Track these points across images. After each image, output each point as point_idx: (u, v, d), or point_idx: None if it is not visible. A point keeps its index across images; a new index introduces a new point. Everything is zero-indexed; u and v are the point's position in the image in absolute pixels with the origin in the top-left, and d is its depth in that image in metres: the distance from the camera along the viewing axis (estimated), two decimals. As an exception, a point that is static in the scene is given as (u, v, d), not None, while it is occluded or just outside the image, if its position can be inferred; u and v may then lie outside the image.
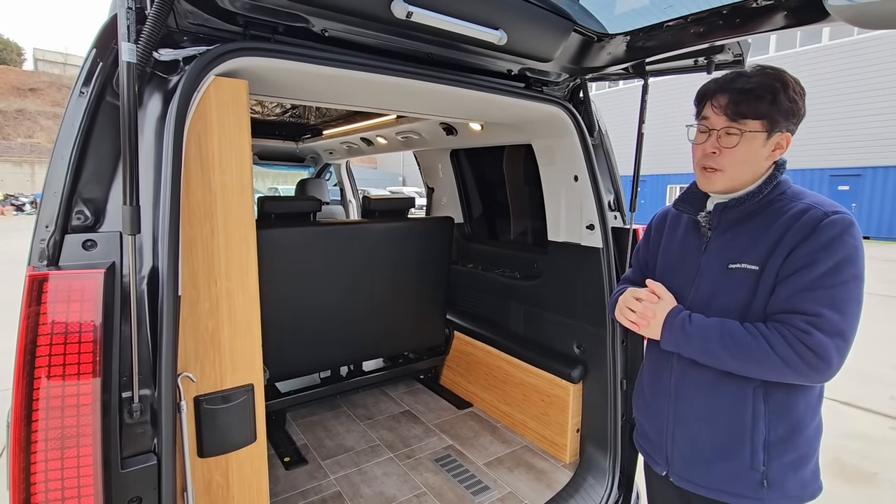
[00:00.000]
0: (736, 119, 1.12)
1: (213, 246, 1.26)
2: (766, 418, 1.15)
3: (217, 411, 1.29)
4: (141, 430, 1.07)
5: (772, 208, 1.16)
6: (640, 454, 1.46)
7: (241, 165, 1.29)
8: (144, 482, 1.06)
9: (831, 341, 1.02)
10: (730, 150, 1.14)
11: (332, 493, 2.12)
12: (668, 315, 1.22)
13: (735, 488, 1.19)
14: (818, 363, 1.03)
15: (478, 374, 2.94)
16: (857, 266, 1.05)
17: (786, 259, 1.09)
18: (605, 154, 2.19)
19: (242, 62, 1.24)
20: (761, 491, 1.16)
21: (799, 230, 1.08)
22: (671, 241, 1.38)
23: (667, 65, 1.89)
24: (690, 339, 1.17)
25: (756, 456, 1.16)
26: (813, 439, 1.18)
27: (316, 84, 1.56)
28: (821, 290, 1.04)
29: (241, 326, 1.33)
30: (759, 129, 1.12)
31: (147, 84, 1.14)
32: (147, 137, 1.12)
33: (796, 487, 1.17)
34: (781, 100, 1.09)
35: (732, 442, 1.18)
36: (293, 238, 2.34)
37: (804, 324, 1.04)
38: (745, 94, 1.11)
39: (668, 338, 1.21)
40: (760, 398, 1.15)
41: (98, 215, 1.08)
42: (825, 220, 1.06)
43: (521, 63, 1.78)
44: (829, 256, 1.04)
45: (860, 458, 3.33)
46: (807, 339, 1.03)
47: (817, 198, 1.14)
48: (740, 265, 1.16)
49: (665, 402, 1.31)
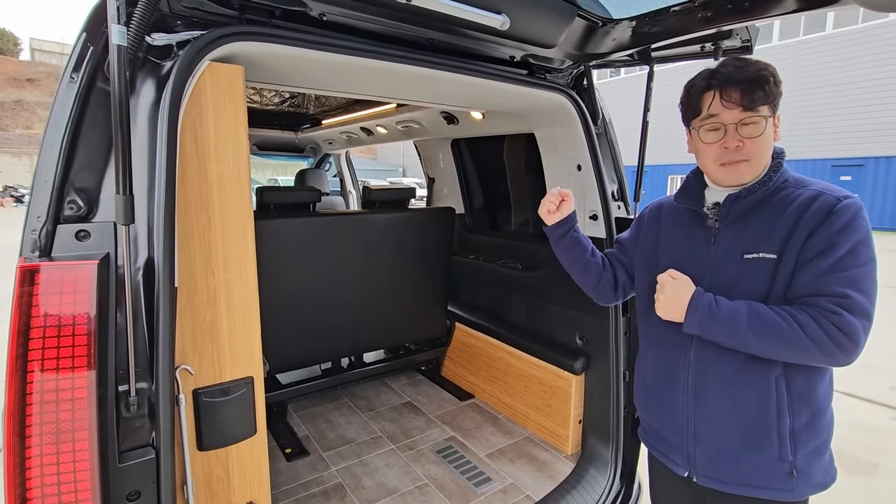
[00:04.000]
0: (753, 108, 1.12)
1: (210, 236, 1.23)
2: (790, 406, 1.14)
3: (216, 404, 1.28)
4: (139, 424, 1.06)
5: (779, 196, 1.16)
6: (652, 452, 1.43)
7: (237, 154, 1.26)
8: (143, 476, 1.05)
9: (860, 322, 1.03)
10: (756, 139, 1.14)
11: (334, 484, 2.11)
12: (693, 296, 1.17)
13: (764, 481, 1.17)
14: (847, 343, 1.02)
15: (479, 365, 2.93)
16: (872, 248, 1.07)
17: (804, 245, 1.09)
18: (609, 143, 2.15)
19: (238, 47, 1.20)
20: (790, 481, 1.15)
21: (814, 216, 1.08)
22: (673, 234, 1.35)
23: (673, 51, 1.85)
24: (717, 321, 1.13)
25: (784, 446, 1.15)
26: (831, 424, 1.19)
27: (314, 70, 1.52)
28: (843, 273, 1.04)
29: (240, 318, 1.31)
30: (769, 114, 1.14)
31: (140, 70, 1.11)
32: (140, 125, 1.09)
33: (820, 474, 1.17)
34: (774, 83, 1.13)
35: (759, 434, 1.16)
36: (293, 229, 2.31)
37: (833, 305, 1.04)
38: (753, 82, 1.12)
39: (693, 320, 1.16)
40: (783, 386, 1.14)
41: (91, 205, 1.05)
42: (839, 204, 1.07)
43: (523, 49, 1.74)
44: (847, 239, 1.05)
45: (861, 448, 3.34)
46: (837, 320, 1.02)
47: (823, 184, 1.15)
48: (758, 255, 1.14)
49: (682, 399, 1.26)
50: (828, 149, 17.52)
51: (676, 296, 1.19)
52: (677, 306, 1.19)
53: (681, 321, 1.19)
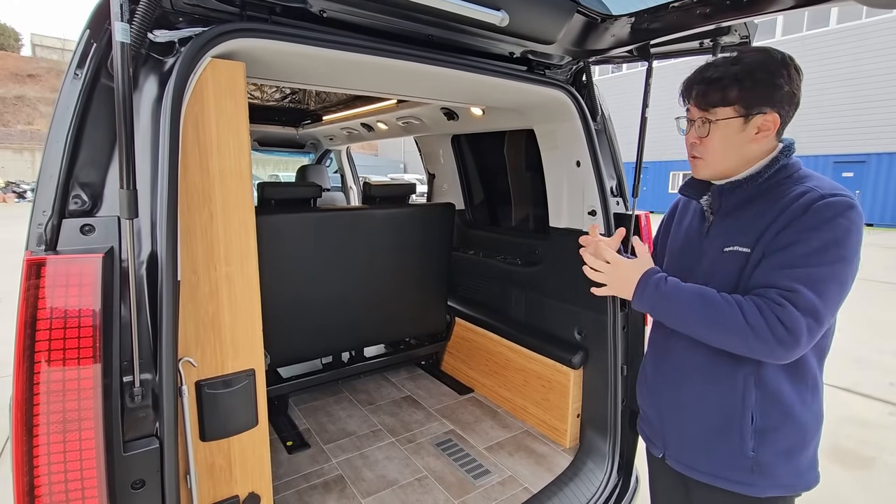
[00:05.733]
0: (707, 108, 1.14)
1: (211, 230, 1.25)
2: (758, 404, 1.15)
3: (218, 396, 1.30)
4: (143, 414, 1.08)
5: (774, 192, 1.14)
6: (642, 439, 1.47)
7: (239, 149, 1.27)
8: (147, 465, 1.07)
9: (803, 318, 1.01)
10: (706, 139, 1.16)
11: (335, 476, 2.14)
12: (643, 274, 1.22)
13: (727, 473, 1.20)
14: (787, 338, 1.01)
15: (479, 359, 2.95)
16: (846, 248, 1.02)
17: (773, 239, 1.08)
18: (608, 139, 2.16)
19: (239, 44, 1.22)
20: (752, 476, 1.17)
21: (793, 211, 1.07)
22: (679, 226, 1.39)
23: (672, 47, 1.85)
24: (663, 299, 1.16)
25: (745, 442, 1.16)
26: (809, 428, 1.17)
27: (315, 67, 1.54)
28: (800, 269, 1.03)
29: (242, 311, 1.33)
30: (731, 116, 1.12)
31: (142, 66, 1.13)
32: (143, 121, 1.11)
33: (789, 476, 1.16)
34: (749, 84, 1.09)
35: (723, 427, 1.19)
36: (293, 224, 2.33)
37: (779, 297, 1.03)
38: (711, 83, 1.13)
39: (641, 296, 1.21)
40: (752, 384, 1.15)
41: (95, 199, 1.07)
42: (820, 201, 1.04)
43: (523, 45, 1.74)
44: (816, 237, 1.03)
45: (858, 443, 3.36)
46: (780, 311, 1.01)
47: (821, 181, 1.11)
48: (734, 248, 1.16)
49: (664, 386, 1.32)
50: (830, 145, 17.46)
51: (629, 273, 1.24)
52: (629, 283, 1.23)
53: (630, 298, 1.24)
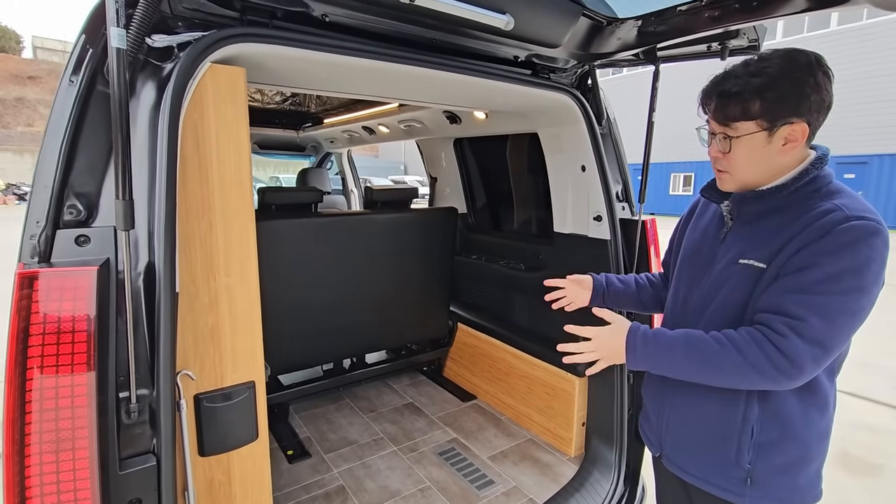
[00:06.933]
0: (727, 123, 1.07)
1: (211, 240, 1.22)
2: (759, 420, 1.11)
3: (218, 409, 1.27)
4: (139, 431, 1.05)
5: (799, 206, 1.06)
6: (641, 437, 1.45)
7: (239, 156, 1.24)
8: (144, 483, 1.04)
9: (809, 349, 0.96)
10: (728, 154, 1.10)
11: (336, 486, 2.10)
12: (627, 335, 1.16)
13: (718, 480, 1.18)
14: (789, 368, 0.97)
15: (482, 366, 2.92)
16: (864, 278, 0.96)
17: (789, 259, 1.02)
18: (614, 143, 2.13)
19: (239, 48, 1.19)
20: (744, 488, 1.14)
21: (814, 231, 0.99)
22: (696, 227, 1.34)
23: (679, 51, 1.83)
24: (658, 354, 1.12)
25: (742, 455, 1.13)
26: (811, 444, 1.12)
27: (316, 72, 1.51)
28: (811, 296, 0.97)
29: (242, 323, 1.30)
30: (755, 130, 1.04)
31: (140, 72, 1.10)
32: (141, 128, 1.08)
33: (783, 491, 1.13)
34: (772, 97, 1.01)
35: (720, 436, 1.16)
36: (294, 229, 2.30)
37: (783, 326, 0.98)
38: (731, 97, 1.05)
39: (634, 357, 1.15)
40: (755, 399, 1.11)
41: (91, 209, 1.04)
42: (844, 224, 0.97)
43: (528, 49, 1.72)
44: (833, 262, 0.96)
45: (865, 449, 3.32)
46: (782, 342, 0.97)
47: (851, 199, 1.03)
48: (749, 261, 1.10)
49: (669, 385, 1.28)
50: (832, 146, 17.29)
51: (614, 339, 1.18)
52: (618, 350, 1.17)
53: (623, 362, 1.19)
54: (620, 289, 1.54)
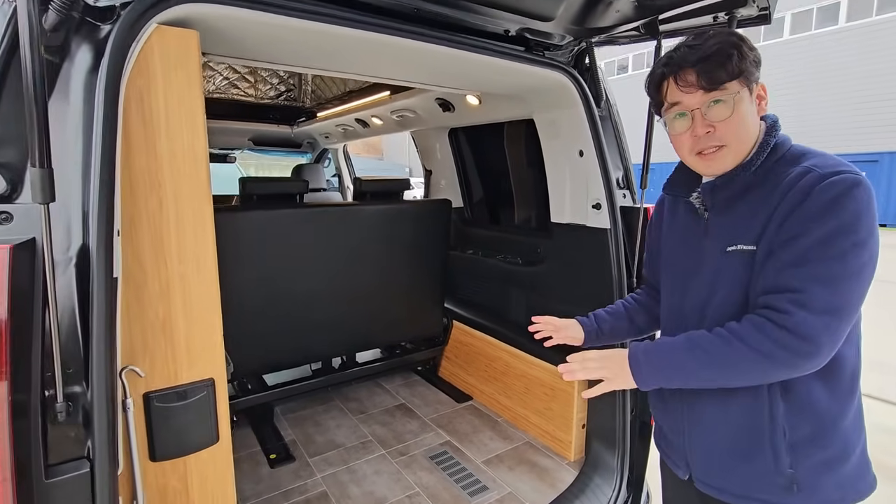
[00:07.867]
0: (716, 87, 0.98)
1: (160, 221, 1.10)
2: (786, 416, 1.00)
3: (171, 409, 1.15)
4: (71, 434, 0.93)
5: (770, 178, 1.00)
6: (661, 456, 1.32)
7: (193, 128, 1.12)
8: (76, 492, 0.92)
9: (819, 320, 0.88)
10: (727, 121, 0.99)
11: (318, 493, 1.98)
12: (629, 353, 1.07)
13: (761, 493, 1.05)
14: (801, 346, 0.89)
15: (478, 365, 2.79)
16: (857, 233, 0.89)
17: (777, 232, 0.95)
18: (614, 126, 2.00)
19: (191, 9, 1.07)
20: (791, 496, 1.02)
21: (793, 197, 0.94)
22: (671, 227, 1.24)
23: (683, 23, 1.69)
24: (663, 367, 1.03)
25: (780, 459, 1.01)
26: (851, 433, 1.03)
27: (281, 41, 1.38)
28: (809, 265, 0.90)
29: (198, 315, 1.18)
30: (740, 88, 0.99)
31: (75, 33, 0.98)
32: (75, 94, 0.96)
33: (833, 489, 1.02)
34: (745, 51, 0.98)
35: (751, 443, 1.05)
36: (275, 220, 2.18)
37: (786, 303, 0.90)
38: (711, 59, 0.97)
39: (640, 372, 1.05)
40: (777, 395, 1.01)
41: (14, 184, 0.92)
42: (821, 183, 0.91)
43: (519, 22, 1.59)
44: (820, 225, 0.90)
45: (883, 452, 3.15)
46: (787, 320, 0.89)
47: (820, 158, 0.98)
48: (737, 247, 1.01)
49: (679, 400, 1.17)
50: (840, 145, 17.14)
51: (617, 359, 1.08)
52: (622, 366, 1.07)
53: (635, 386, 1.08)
54: (610, 320, 1.42)
